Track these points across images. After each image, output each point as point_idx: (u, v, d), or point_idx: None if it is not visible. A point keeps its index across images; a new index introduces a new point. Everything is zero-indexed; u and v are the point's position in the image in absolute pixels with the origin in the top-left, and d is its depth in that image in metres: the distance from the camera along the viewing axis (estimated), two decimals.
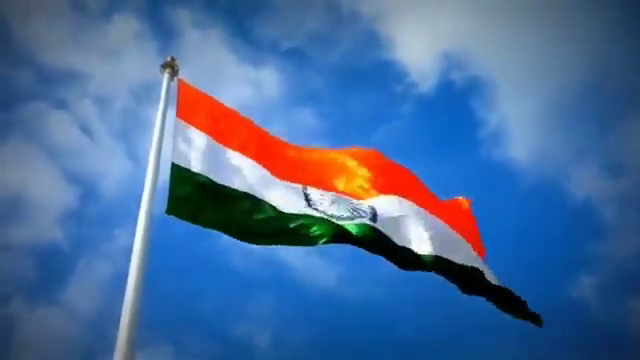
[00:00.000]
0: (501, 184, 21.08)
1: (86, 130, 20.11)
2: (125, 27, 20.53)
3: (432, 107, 21.71)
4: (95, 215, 19.11)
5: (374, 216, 6.55)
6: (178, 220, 6.05)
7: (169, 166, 6.20)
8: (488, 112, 21.82)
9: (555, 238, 19.28)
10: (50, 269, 17.84)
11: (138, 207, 5.79)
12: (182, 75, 7.12)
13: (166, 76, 6.97)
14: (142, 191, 5.91)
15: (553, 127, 22.28)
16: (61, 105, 20.69)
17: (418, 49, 21.48)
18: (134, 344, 4.86)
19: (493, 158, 21.43)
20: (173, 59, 7.10)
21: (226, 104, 7.38)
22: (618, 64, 21.51)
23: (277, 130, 7.66)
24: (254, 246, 6.41)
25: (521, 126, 21.93)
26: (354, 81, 22.11)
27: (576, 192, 20.94)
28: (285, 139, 7.62)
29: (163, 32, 21.04)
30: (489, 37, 22.50)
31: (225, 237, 6.28)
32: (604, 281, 18.72)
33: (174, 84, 7.00)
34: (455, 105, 22.08)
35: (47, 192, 19.05)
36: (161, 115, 6.55)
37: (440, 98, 21.47)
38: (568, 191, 21.13)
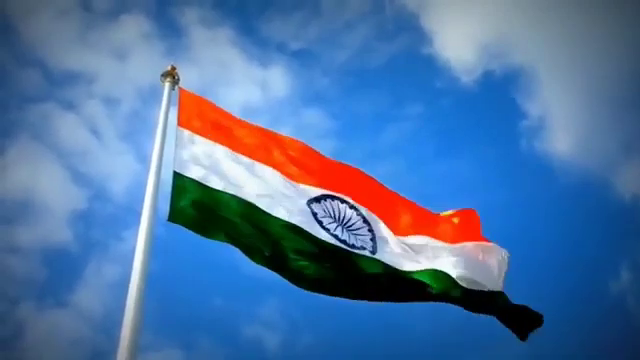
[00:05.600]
0: (543, 178, 20.42)
1: (94, 131, 20.18)
2: (133, 27, 20.60)
3: (470, 100, 21.16)
4: (104, 217, 19.20)
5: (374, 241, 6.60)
6: None
7: (171, 172, 6.23)
8: (529, 104, 21.16)
9: (599, 236, 18.72)
10: (59, 271, 17.95)
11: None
12: (190, 76, 7.15)
13: (167, 85, 7.01)
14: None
15: (598, 118, 21.40)
16: (69, 106, 20.78)
17: (455, 41, 20.88)
18: (137, 348, 4.92)
19: (534, 151, 20.77)
20: (174, 68, 7.15)
21: (234, 104, 7.40)
22: None
23: (285, 131, 7.63)
24: None
25: (564, 118, 21.13)
26: (364, 80, 21.90)
27: (622, 187, 20.01)
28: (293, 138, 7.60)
29: (171, 32, 21.10)
30: (528, 26, 21.67)
31: None
32: None
33: (175, 92, 7.02)
34: (495, 97, 21.45)
35: (55, 194, 19.14)
36: (162, 124, 6.59)
37: (479, 90, 20.93)
38: (614, 186, 20.34)
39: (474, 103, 21.13)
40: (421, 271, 6.40)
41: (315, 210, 6.55)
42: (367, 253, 6.42)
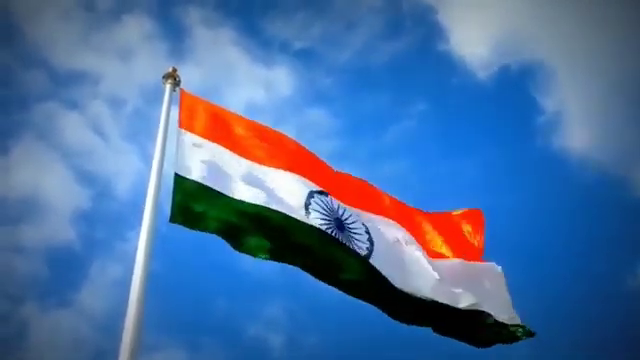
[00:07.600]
0: (559, 175, 20.32)
1: (98, 131, 20.28)
2: (136, 28, 20.72)
3: (486, 96, 21.08)
4: (108, 216, 19.27)
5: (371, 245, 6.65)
6: None
7: (172, 174, 6.27)
8: (545, 100, 21.02)
9: (616, 233, 18.46)
10: (63, 270, 18.01)
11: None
12: (193, 77, 7.17)
13: (168, 87, 7.05)
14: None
15: (616, 114, 21.15)
16: (73, 106, 20.90)
17: (470, 37, 20.85)
18: (138, 347, 4.99)
19: (550, 148, 20.67)
20: (175, 70, 7.20)
21: (237, 104, 7.46)
22: None
23: (289, 130, 7.67)
24: None
25: (580, 114, 20.94)
26: (370, 78, 21.85)
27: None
28: (295, 139, 7.63)
29: (174, 32, 21.18)
30: (545, 20, 21.57)
31: None
32: None
33: (177, 94, 7.06)
34: (510, 93, 21.33)
35: (60, 193, 19.23)
36: (164, 126, 6.63)
37: (494, 86, 20.86)
38: (631, 183, 20.12)
39: (490, 99, 21.06)
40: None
41: (314, 208, 6.59)
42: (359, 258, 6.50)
